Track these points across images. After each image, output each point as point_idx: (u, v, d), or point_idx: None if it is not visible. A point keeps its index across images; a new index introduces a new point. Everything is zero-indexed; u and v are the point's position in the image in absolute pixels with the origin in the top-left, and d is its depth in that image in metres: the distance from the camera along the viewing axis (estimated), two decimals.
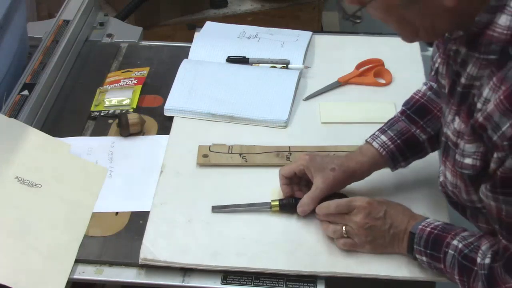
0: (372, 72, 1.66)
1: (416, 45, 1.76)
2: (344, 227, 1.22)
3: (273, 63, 1.69)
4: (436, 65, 1.18)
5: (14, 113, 1.49)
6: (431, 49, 1.44)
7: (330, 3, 3.35)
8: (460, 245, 1.12)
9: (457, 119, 1.08)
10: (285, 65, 1.68)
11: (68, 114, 1.61)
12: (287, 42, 1.75)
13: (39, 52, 1.68)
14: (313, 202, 1.27)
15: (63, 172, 1.40)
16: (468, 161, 1.05)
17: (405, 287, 1.25)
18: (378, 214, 1.21)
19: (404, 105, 1.36)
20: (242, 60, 1.69)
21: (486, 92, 0.98)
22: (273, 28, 1.82)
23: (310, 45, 1.77)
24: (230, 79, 1.63)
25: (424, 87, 1.35)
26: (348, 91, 1.64)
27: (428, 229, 1.17)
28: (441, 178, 1.19)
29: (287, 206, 1.31)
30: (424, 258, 1.17)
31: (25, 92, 1.55)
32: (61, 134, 1.51)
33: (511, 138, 0.94)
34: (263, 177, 1.40)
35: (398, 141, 1.30)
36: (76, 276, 1.24)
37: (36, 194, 1.33)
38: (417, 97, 1.34)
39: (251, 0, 2.77)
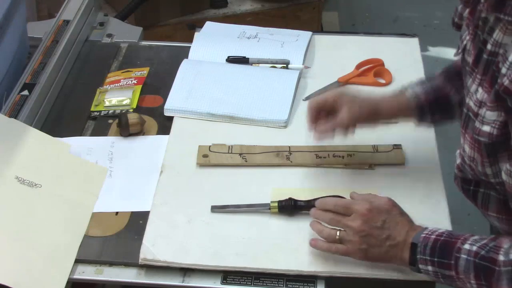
0: (372, 72, 1.66)
1: (416, 45, 1.76)
2: (338, 232, 1.20)
3: (273, 63, 1.69)
4: (464, 42, 1.17)
5: (14, 113, 1.49)
6: (431, 48, 1.44)
7: (330, 3, 3.36)
8: (474, 248, 1.09)
9: (480, 90, 1.08)
10: (285, 65, 1.68)
11: (68, 114, 1.61)
12: (287, 42, 1.75)
13: (39, 52, 1.68)
14: (331, 129, 1.31)
15: (63, 172, 1.40)
16: (486, 128, 1.05)
17: (405, 287, 1.25)
18: (376, 223, 1.17)
19: (446, 67, 1.37)
20: (242, 60, 1.69)
21: (511, 56, 0.99)
22: (273, 28, 1.82)
23: (310, 45, 1.77)
24: (230, 79, 1.63)
25: None
26: None
27: (433, 236, 1.14)
28: (458, 161, 1.19)
29: (286, 207, 1.31)
30: (429, 268, 1.13)
31: (25, 92, 1.55)
32: (61, 134, 1.51)
33: None
34: (263, 177, 1.40)
35: (431, 96, 1.32)
36: (76, 276, 1.24)
37: (36, 194, 1.33)
38: (458, 63, 1.33)
39: (251, 0, 2.77)
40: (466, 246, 1.10)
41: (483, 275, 1.07)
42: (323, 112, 1.35)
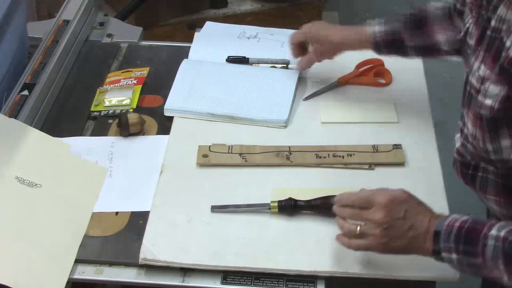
0: (372, 72, 1.66)
1: None
2: (358, 227, 1.17)
3: (273, 63, 1.68)
4: (467, 25, 1.20)
5: (14, 113, 1.49)
6: None
7: (330, 3, 3.36)
8: (502, 233, 1.06)
9: (482, 67, 1.11)
10: (285, 65, 1.68)
11: (68, 114, 1.61)
12: (287, 42, 1.74)
13: (39, 52, 1.68)
14: (308, 63, 1.60)
15: (63, 172, 1.40)
16: (488, 102, 1.07)
17: (405, 287, 1.25)
18: (398, 214, 1.13)
19: (417, 9, 1.47)
20: (242, 60, 1.69)
21: None
22: (273, 28, 1.82)
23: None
24: (230, 79, 1.63)
25: (441, 4, 1.42)
26: (348, 91, 1.64)
27: (457, 224, 1.10)
28: (458, 144, 1.22)
29: (286, 207, 1.31)
30: (453, 256, 1.09)
31: (25, 92, 1.55)
32: (61, 134, 1.51)
33: None
34: (263, 177, 1.40)
35: (387, 37, 1.46)
36: (76, 276, 1.24)
37: (36, 194, 1.33)
38: (428, 9, 1.45)
39: (251, 0, 2.77)
40: (493, 232, 1.07)
41: None
42: (304, 45, 1.58)
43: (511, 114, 1.06)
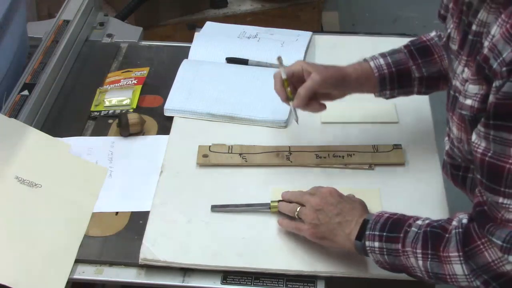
0: None
1: None
2: (298, 208, 1.24)
3: (272, 66, 1.67)
4: (449, 30, 1.21)
5: (14, 113, 1.49)
6: None
7: (330, 3, 3.36)
8: (426, 221, 1.12)
9: (466, 70, 1.11)
10: None
11: (68, 114, 1.61)
12: (287, 42, 1.75)
13: (39, 52, 1.68)
14: (307, 93, 1.31)
15: (63, 172, 1.40)
16: (468, 102, 1.07)
17: (405, 287, 1.25)
18: (332, 201, 1.21)
19: (410, 41, 1.40)
20: (241, 61, 1.69)
21: (494, 29, 1.02)
22: (273, 28, 1.82)
23: (310, 45, 1.77)
24: (230, 79, 1.63)
25: (434, 33, 1.40)
26: None
27: (387, 215, 1.16)
28: (447, 147, 1.22)
29: None
30: (376, 244, 1.13)
31: (25, 92, 1.55)
32: (61, 134, 1.51)
33: (510, 64, 0.96)
34: (263, 177, 1.40)
35: (393, 69, 1.36)
36: (76, 276, 1.24)
37: (36, 194, 1.33)
38: (424, 38, 1.40)
39: (251, 0, 2.77)
40: (419, 222, 1.13)
41: (431, 243, 1.08)
42: (291, 85, 1.36)
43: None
